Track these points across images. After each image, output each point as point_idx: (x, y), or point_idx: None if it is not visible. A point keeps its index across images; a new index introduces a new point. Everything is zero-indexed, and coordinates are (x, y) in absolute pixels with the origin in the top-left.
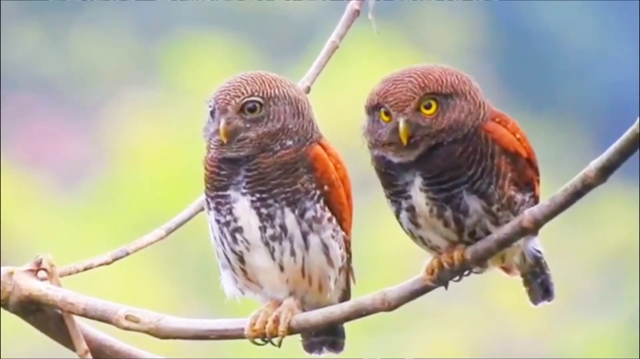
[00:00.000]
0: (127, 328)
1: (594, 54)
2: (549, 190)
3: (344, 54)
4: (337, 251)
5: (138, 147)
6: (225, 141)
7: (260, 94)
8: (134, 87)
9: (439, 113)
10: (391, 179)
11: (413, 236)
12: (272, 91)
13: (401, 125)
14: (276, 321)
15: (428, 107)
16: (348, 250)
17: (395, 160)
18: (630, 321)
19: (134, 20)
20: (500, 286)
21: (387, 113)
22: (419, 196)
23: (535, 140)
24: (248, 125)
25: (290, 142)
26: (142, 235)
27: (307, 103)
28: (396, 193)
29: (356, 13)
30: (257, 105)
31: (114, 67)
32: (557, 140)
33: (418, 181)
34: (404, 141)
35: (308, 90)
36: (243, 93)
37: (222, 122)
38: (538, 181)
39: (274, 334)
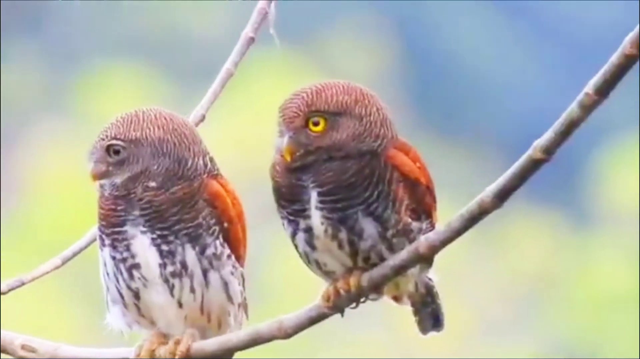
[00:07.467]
0: (23, 358)
1: (506, 81)
2: (453, 214)
3: (249, 81)
4: (236, 287)
5: (50, 176)
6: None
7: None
8: (46, 116)
9: (327, 131)
10: (291, 196)
11: (308, 261)
12: (135, 134)
13: (285, 141)
14: (177, 343)
15: (316, 124)
16: (243, 285)
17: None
18: (543, 348)
19: (45, 51)
20: (408, 310)
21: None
22: (315, 215)
23: (443, 163)
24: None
25: (153, 184)
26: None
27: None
28: (295, 212)
29: (251, 40)
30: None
31: (26, 97)
32: (465, 164)
33: (314, 198)
34: (287, 157)
35: (203, 118)
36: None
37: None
38: (435, 209)
39: (173, 354)
